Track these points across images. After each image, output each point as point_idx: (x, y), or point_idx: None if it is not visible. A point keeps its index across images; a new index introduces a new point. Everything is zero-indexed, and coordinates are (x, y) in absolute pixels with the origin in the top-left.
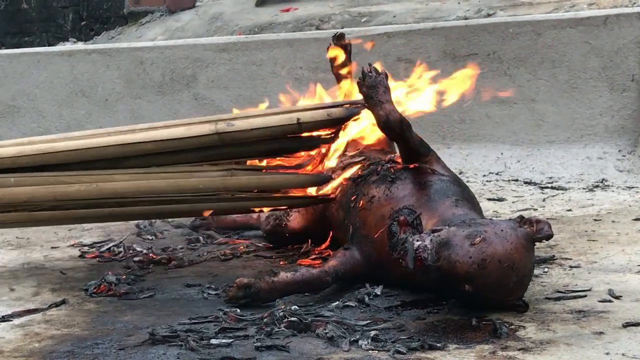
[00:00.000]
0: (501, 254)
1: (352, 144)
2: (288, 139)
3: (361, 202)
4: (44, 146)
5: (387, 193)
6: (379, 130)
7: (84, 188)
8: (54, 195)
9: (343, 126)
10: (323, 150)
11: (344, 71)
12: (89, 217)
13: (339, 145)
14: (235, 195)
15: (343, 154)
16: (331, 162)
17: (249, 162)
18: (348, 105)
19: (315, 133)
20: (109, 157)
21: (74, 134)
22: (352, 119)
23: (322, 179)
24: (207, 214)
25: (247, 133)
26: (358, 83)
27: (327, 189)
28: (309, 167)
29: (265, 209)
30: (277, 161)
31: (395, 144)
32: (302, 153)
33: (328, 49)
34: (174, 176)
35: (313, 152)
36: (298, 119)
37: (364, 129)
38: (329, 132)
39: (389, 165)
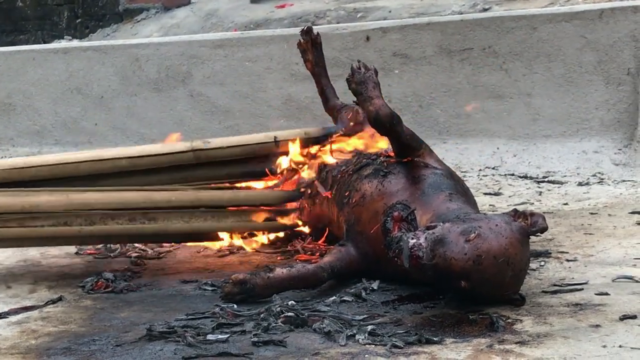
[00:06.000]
0: (496, 250)
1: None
2: (259, 162)
3: (354, 198)
4: (17, 160)
5: (379, 188)
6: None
7: (54, 197)
8: (22, 205)
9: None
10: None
11: (317, 66)
12: (57, 236)
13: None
14: (208, 210)
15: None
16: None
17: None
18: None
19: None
20: (82, 174)
21: (49, 156)
22: (328, 139)
23: (294, 196)
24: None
25: (223, 151)
26: (347, 80)
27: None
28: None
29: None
30: (247, 184)
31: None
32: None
33: (298, 45)
34: (146, 189)
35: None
36: (275, 137)
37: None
38: (298, 162)
39: (382, 160)
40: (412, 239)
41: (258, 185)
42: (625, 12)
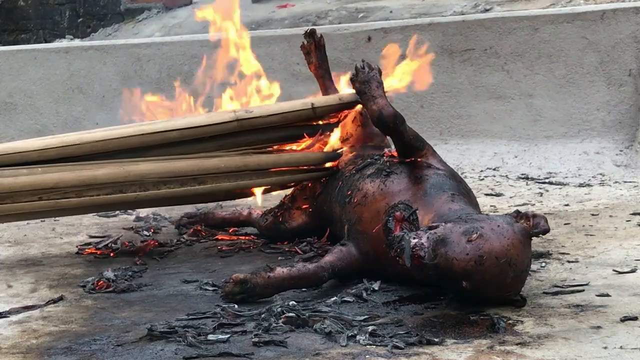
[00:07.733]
0: (498, 250)
1: (346, 139)
2: (296, 127)
3: (356, 197)
4: (70, 138)
5: (382, 188)
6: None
7: (110, 170)
8: (80, 179)
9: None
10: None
11: (320, 68)
12: (114, 203)
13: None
14: (253, 172)
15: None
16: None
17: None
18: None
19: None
20: (132, 147)
21: (97, 130)
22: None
23: (334, 156)
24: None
25: (265, 119)
26: (351, 79)
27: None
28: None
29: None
30: (287, 146)
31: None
32: (307, 139)
33: (301, 47)
34: (196, 157)
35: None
36: (312, 104)
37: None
38: (333, 120)
39: (385, 160)
40: (414, 238)
41: (295, 147)
42: (627, 14)
